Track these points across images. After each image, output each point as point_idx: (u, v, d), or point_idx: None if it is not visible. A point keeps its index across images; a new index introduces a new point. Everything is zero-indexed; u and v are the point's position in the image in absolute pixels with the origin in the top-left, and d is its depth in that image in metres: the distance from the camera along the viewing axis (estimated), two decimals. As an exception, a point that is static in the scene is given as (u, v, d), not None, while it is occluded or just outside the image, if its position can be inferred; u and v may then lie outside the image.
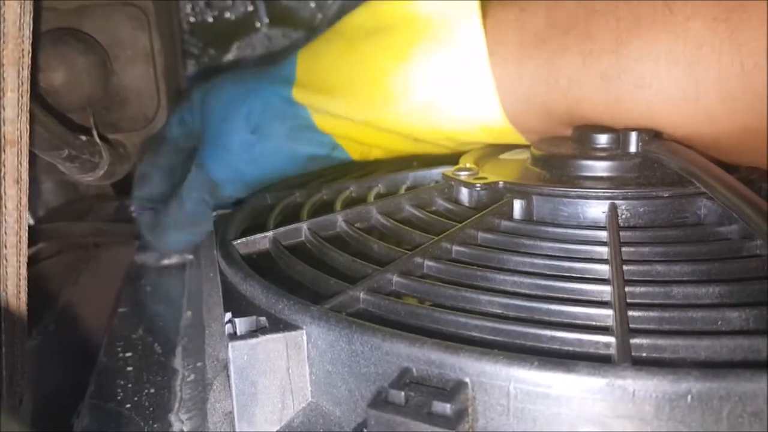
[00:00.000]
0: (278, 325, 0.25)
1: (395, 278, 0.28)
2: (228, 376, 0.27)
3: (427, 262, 0.29)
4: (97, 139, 0.39)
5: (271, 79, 0.46)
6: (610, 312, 0.24)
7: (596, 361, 0.20)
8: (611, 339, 0.22)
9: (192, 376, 0.36)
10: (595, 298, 0.25)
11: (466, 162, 0.39)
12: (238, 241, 0.34)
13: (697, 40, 0.31)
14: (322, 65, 0.44)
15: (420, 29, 0.39)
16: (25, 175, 0.21)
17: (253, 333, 0.24)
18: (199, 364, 0.37)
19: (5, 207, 0.21)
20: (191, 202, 0.50)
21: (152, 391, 0.35)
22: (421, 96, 0.40)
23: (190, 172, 0.50)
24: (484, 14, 0.38)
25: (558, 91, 0.36)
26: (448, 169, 0.38)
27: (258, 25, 0.68)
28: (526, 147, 0.40)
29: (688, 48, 0.31)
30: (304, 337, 0.25)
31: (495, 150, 0.43)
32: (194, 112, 0.50)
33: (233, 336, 0.24)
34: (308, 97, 0.44)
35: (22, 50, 0.21)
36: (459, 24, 0.38)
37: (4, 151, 0.20)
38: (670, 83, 0.32)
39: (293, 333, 0.25)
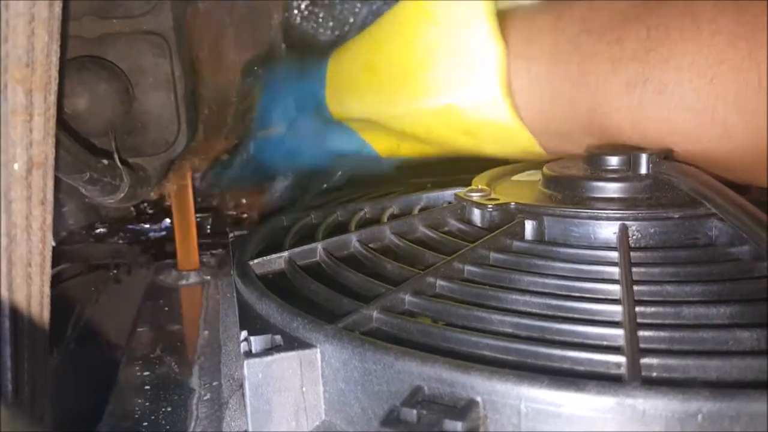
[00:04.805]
0: (293, 343, 0.25)
1: (408, 297, 0.28)
2: (243, 394, 0.28)
3: (440, 282, 0.29)
4: (119, 163, 0.40)
5: (308, 77, 0.49)
6: (620, 332, 0.24)
7: (607, 380, 0.21)
8: (622, 359, 0.22)
9: (208, 395, 0.36)
10: (605, 318, 0.26)
11: (479, 183, 0.39)
12: (255, 261, 0.34)
13: (720, 54, 0.32)
14: (348, 62, 0.46)
15: (434, 30, 0.41)
16: (50, 197, 0.22)
17: (268, 351, 0.25)
18: (215, 383, 0.37)
19: (31, 227, 0.22)
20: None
21: (169, 409, 0.35)
22: (437, 97, 0.41)
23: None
24: (521, 17, 0.40)
25: (585, 93, 0.37)
26: (460, 191, 0.39)
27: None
28: (539, 169, 0.40)
29: (711, 61, 0.32)
30: (318, 356, 0.25)
31: (507, 172, 0.43)
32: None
33: (249, 354, 0.25)
34: (335, 99, 0.47)
35: (50, 76, 0.22)
36: (471, 27, 0.39)
37: (31, 173, 0.21)
38: (691, 94, 0.33)
39: (307, 351, 0.25)
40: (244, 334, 0.26)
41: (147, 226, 0.67)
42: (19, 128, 0.21)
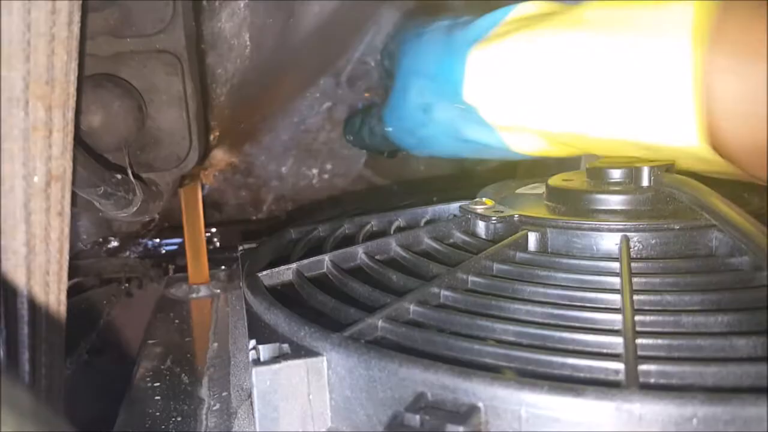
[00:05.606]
0: (300, 351, 0.26)
1: (412, 307, 0.29)
2: (251, 402, 0.28)
3: (444, 292, 0.30)
4: (132, 178, 0.41)
5: (449, 61, 0.41)
6: (620, 340, 0.24)
7: (606, 386, 0.21)
8: (620, 365, 0.23)
9: (217, 405, 0.36)
10: (606, 327, 0.26)
11: (484, 196, 0.40)
12: (263, 272, 0.35)
13: None
14: (507, 63, 0.38)
15: (616, 44, 0.34)
16: (67, 209, 0.23)
17: (275, 359, 0.26)
18: (224, 393, 0.38)
19: (49, 237, 0.23)
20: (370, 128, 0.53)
21: (179, 419, 0.36)
22: (617, 130, 0.35)
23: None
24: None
25: None
26: (465, 203, 0.39)
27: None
28: (543, 182, 0.41)
29: None
30: (325, 364, 0.26)
31: (512, 185, 0.44)
32: (392, 57, 0.50)
33: (257, 362, 0.25)
34: (485, 98, 0.39)
35: (68, 94, 0.23)
36: (667, 48, 0.32)
37: (50, 186, 0.22)
38: None
39: (314, 359, 0.26)
40: (252, 342, 0.27)
41: (158, 240, 0.68)
42: (39, 143, 0.22)
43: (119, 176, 0.40)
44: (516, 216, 0.36)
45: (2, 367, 0.17)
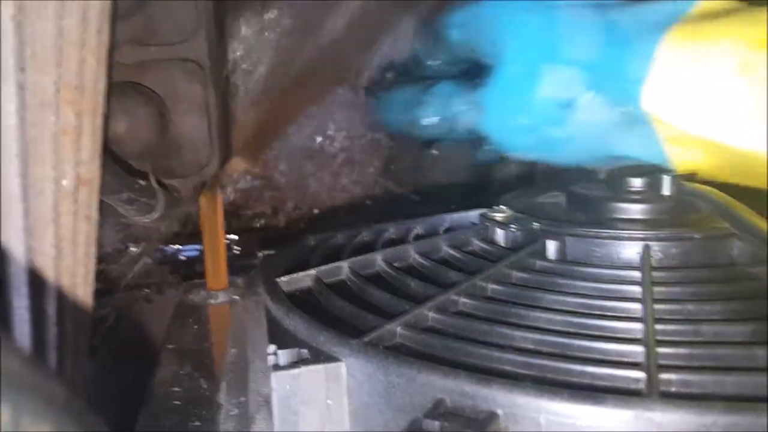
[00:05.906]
0: (319, 356, 0.26)
1: (431, 314, 0.29)
2: (270, 408, 0.28)
3: (463, 299, 0.30)
4: (155, 184, 0.42)
5: (626, 48, 0.33)
6: (641, 349, 0.24)
7: (626, 395, 0.21)
8: (641, 374, 0.23)
9: (236, 411, 0.37)
10: (626, 336, 0.26)
11: (503, 204, 0.40)
12: (283, 278, 0.35)
13: None
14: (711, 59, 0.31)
15: None
16: (95, 213, 0.24)
17: (295, 364, 0.26)
18: (242, 398, 0.38)
19: (77, 240, 0.23)
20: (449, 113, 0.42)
21: (198, 424, 0.36)
22: None
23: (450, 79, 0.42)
24: None
25: None
26: (484, 211, 0.39)
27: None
28: (562, 190, 0.41)
29: None
30: (343, 369, 0.26)
31: (531, 193, 0.44)
32: (475, 30, 0.40)
33: (276, 367, 0.26)
34: (672, 103, 0.32)
35: (97, 100, 0.24)
36: None
37: (79, 190, 0.23)
38: None
39: (333, 365, 0.26)
40: (272, 347, 0.27)
41: (178, 246, 0.68)
42: (68, 147, 0.22)
43: (142, 182, 0.40)
44: (535, 224, 0.36)
45: (35, 364, 0.17)
